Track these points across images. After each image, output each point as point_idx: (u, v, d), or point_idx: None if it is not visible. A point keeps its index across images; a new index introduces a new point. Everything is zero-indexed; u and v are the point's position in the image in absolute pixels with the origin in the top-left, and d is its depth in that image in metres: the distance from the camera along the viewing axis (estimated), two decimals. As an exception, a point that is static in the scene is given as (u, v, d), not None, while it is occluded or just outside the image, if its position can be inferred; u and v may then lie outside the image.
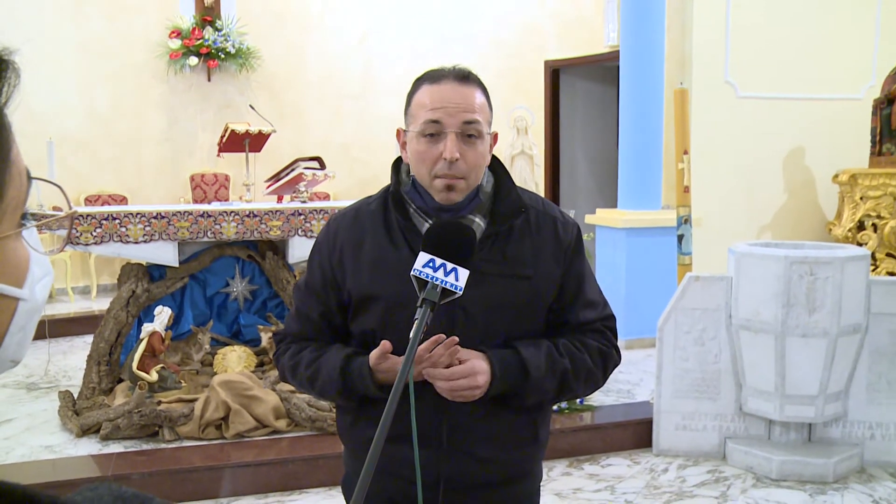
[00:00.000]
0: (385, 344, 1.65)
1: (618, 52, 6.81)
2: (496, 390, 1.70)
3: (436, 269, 1.53)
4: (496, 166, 1.86)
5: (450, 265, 1.54)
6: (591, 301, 1.87)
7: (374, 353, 1.69)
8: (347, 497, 1.96)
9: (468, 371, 1.67)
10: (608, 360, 1.86)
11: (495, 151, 1.86)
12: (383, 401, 1.40)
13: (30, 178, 0.74)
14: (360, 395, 1.76)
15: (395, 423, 1.36)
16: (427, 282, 1.52)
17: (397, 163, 1.85)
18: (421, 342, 1.49)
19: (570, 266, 1.84)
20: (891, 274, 5.46)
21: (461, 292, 1.54)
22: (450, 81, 1.72)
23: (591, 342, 1.84)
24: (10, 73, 0.70)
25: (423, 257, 1.54)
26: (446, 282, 1.52)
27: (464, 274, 1.54)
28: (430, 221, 1.75)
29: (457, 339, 1.64)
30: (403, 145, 1.79)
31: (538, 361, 1.74)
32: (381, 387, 1.71)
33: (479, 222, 1.76)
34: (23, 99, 0.66)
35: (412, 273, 1.53)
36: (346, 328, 1.86)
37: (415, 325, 1.46)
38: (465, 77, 1.73)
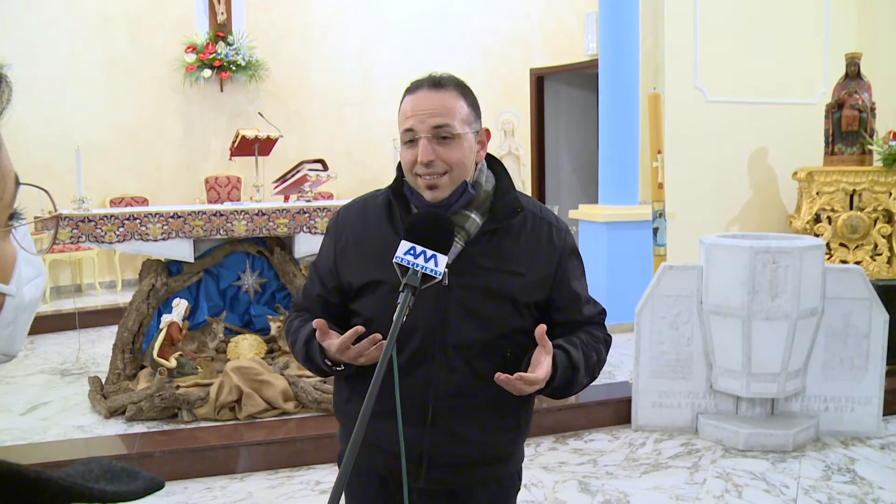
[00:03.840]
0: (319, 322, 1.66)
1: (597, 60, 6.82)
2: (551, 388, 1.71)
3: (416, 256, 1.51)
4: (498, 168, 1.85)
5: (429, 252, 1.52)
6: (590, 299, 1.88)
7: (317, 332, 1.69)
8: None
9: (543, 378, 1.65)
10: (609, 348, 1.90)
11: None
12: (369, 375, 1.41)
13: (17, 183, 0.73)
14: (317, 366, 1.78)
15: (381, 400, 1.36)
16: (408, 268, 1.51)
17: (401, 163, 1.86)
18: (409, 325, 1.49)
19: (566, 268, 1.82)
20: (843, 262, 5.49)
21: (440, 276, 1.52)
22: (423, 90, 1.72)
23: (599, 334, 1.86)
24: (4, 86, 0.69)
25: (404, 245, 1.53)
26: (426, 267, 1.51)
27: (442, 260, 1.52)
28: None
29: (379, 336, 1.62)
30: None
31: (580, 358, 1.75)
32: (333, 362, 1.73)
33: (475, 218, 1.73)
34: (56, 111, 0.67)
35: (394, 260, 1.52)
36: (342, 309, 1.86)
37: (398, 309, 1.46)
38: (437, 83, 1.72)
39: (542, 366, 1.65)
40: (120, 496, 0.68)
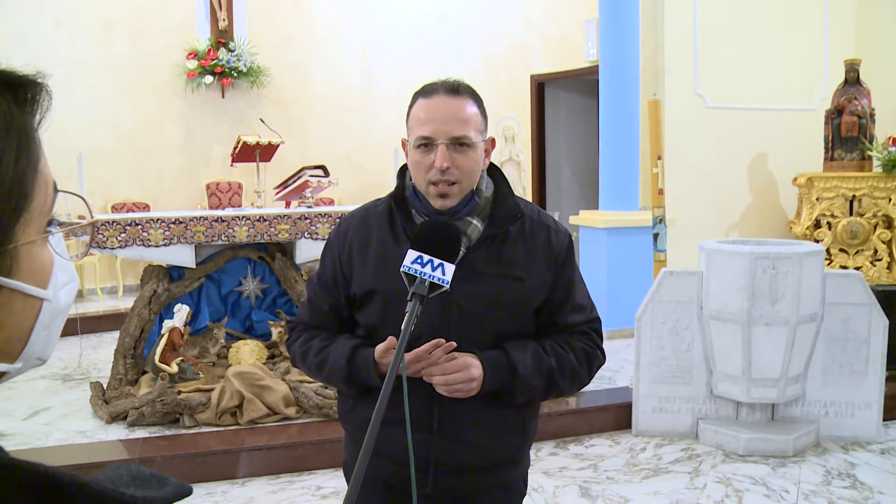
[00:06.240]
0: (391, 339, 1.65)
1: (597, 66, 6.84)
2: (487, 388, 1.70)
3: (424, 265, 1.52)
4: (497, 174, 1.85)
5: (437, 261, 1.52)
6: (580, 305, 1.85)
7: (380, 347, 1.69)
8: (349, 479, 1.94)
9: (461, 365, 1.67)
10: (593, 359, 1.85)
11: None
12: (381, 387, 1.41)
13: (56, 190, 0.75)
14: (363, 383, 1.76)
15: (389, 407, 1.37)
16: (416, 277, 1.51)
17: (403, 169, 1.84)
18: (412, 333, 1.48)
19: (560, 272, 1.82)
20: (843, 268, 5.50)
21: (448, 286, 1.52)
22: (440, 95, 1.71)
23: (576, 343, 1.82)
24: (44, 94, 0.71)
25: (411, 254, 1.53)
26: (434, 276, 1.51)
27: (450, 269, 1.53)
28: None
29: (454, 344, 1.63)
30: (407, 154, 1.79)
31: (524, 360, 1.73)
32: (384, 377, 1.70)
33: (476, 224, 1.74)
34: (57, 116, 0.69)
35: (402, 269, 1.53)
36: (353, 319, 1.85)
37: (405, 318, 1.46)
38: (454, 90, 1.72)
39: (458, 358, 1.68)
40: (150, 502, 0.70)
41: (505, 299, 1.74)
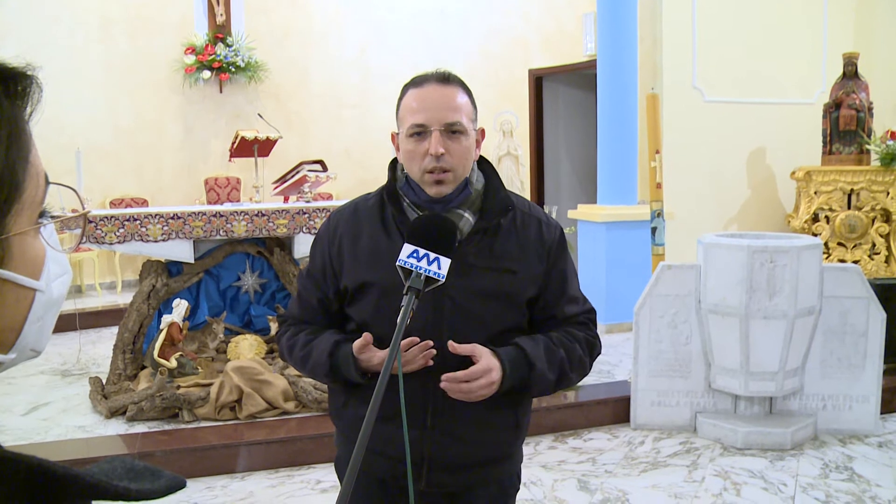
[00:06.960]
0: (367, 336, 1.65)
1: (595, 61, 6.83)
2: (507, 386, 1.69)
3: (419, 259, 1.51)
4: (487, 168, 1.85)
5: (432, 255, 1.52)
6: (575, 297, 1.86)
7: (356, 344, 1.68)
8: (340, 476, 1.95)
9: (484, 370, 1.65)
10: (594, 349, 1.86)
11: (483, 153, 1.85)
12: (372, 383, 1.40)
13: (47, 182, 0.75)
14: (345, 378, 1.76)
15: (383, 404, 1.36)
16: (412, 271, 1.51)
17: (393, 163, 1.85)
18: (408, 327, 1.48)
19: (553, 264, 1.82)
20: (841, 261, 5.51)
21: (444, 279, 1.52)
22: (432, 84, 1.72)
23: (579, 333, 1.83)
24: (34, 87, 0.71)
25: (407, 248, 1.53)
26: (429, 270, 1.51)
27: (446, 263, 1.52)
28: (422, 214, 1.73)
29: (431, 343, 1.63)
30: (397, 147, 1.79)
31: (539, 353, 1.73)
32: (364, 373, 1.72)
33: (467, 217, 1.74)
34: (55, 113, 0.69)
35: (398, 263, 1.52)
36: (343, 314, 1.85)
37: (401, 312, 1.46)
38: (445, 79, 1.74)
39: (480, 361, 1.66)
40: (143, 494, 0.70)
41: (497, 292, 1.74)
